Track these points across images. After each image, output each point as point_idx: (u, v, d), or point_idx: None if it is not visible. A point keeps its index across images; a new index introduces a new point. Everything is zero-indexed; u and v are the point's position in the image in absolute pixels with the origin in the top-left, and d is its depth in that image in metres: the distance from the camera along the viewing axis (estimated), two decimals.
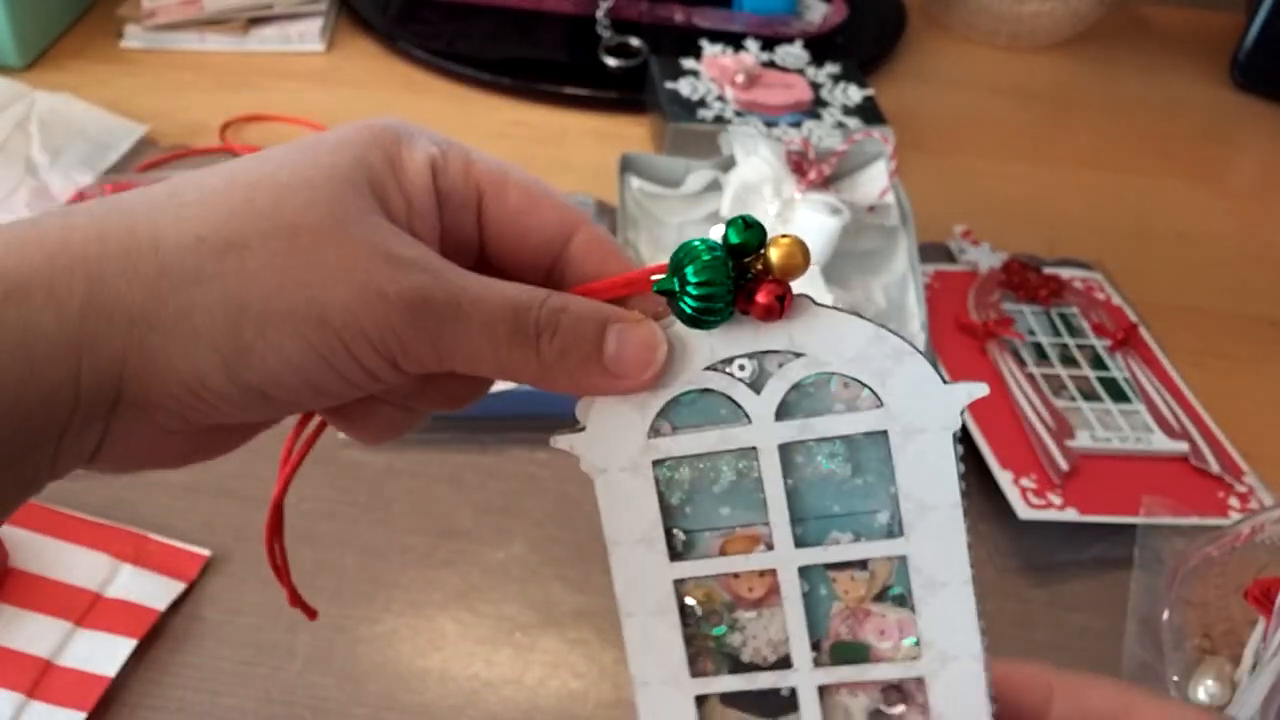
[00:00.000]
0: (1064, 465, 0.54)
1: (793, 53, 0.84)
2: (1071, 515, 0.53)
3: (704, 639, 0.29)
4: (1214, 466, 0.56)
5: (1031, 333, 0.64)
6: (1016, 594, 0.52)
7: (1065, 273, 0.69)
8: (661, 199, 0.66)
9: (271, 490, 0.58)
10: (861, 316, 0.27)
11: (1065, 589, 0.52)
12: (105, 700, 0.44)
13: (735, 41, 0.84)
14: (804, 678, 0.29)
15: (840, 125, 0.76)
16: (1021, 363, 0.61)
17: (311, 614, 0.34)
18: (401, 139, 0.27)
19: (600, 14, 0.88)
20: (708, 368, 0.28)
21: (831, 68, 0.82)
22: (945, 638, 0.28)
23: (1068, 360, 0.62)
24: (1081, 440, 0.56)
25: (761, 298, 0.26)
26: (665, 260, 0.27)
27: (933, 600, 0.28)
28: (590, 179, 0.73)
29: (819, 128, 0.75)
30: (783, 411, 0.28)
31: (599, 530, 0.29)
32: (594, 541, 0.29)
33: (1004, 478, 0.54)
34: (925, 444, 0.27)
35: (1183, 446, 0.57)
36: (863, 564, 0.28)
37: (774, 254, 0.26)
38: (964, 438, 0.56)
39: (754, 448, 0.28)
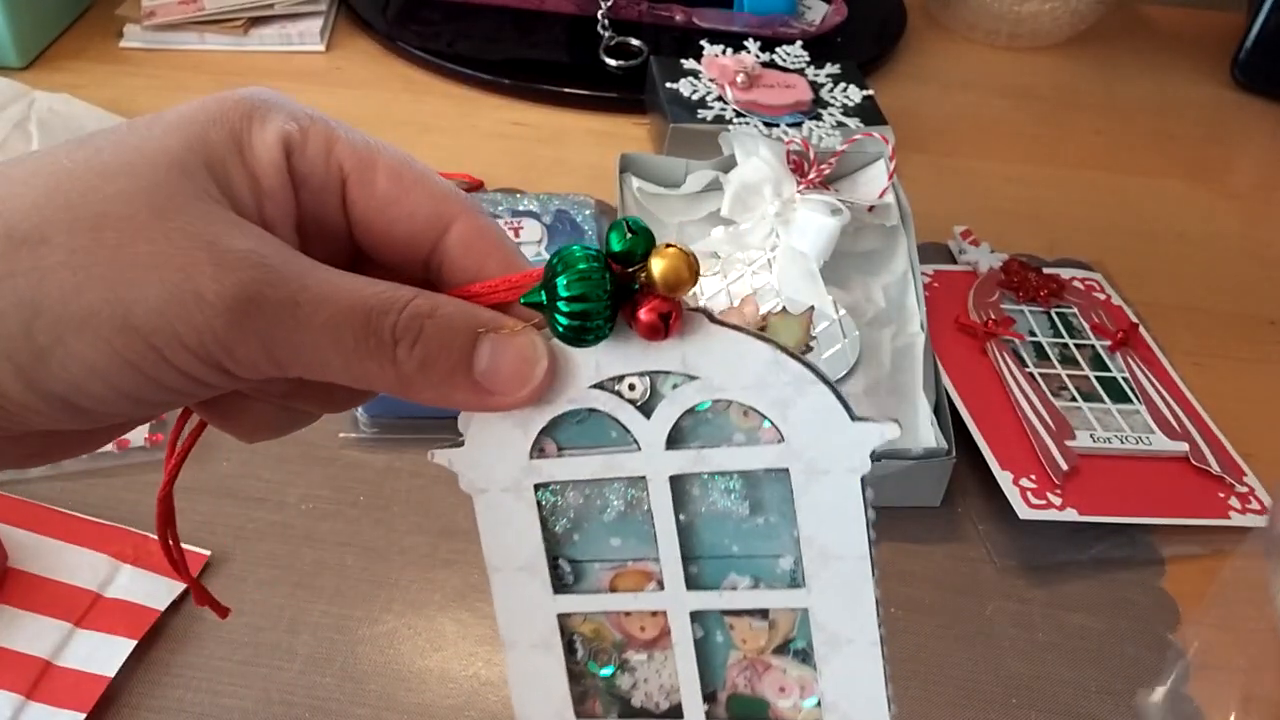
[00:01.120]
0: (1064, 465, 0.54)
1: (793, 53, 0.84)
2: (1071, 515, 0.53)
3: (592, 678, 0.27)
4: (1214, 467, 0.56)
5: (1031, 333, 0.64)
6: (1016, 594, 0.52)
7: (1065, 273, 0.69)
8: (661, 199, 0.66)
9: (273, 491, 0.59)
10: (761, 338, 0.24)
11: (1065, 589, 0.52)
12: (105, 701, 0.44)
13: (735, 42, 0.84)
14: None
15: (840, 125, 0.76)
16: (1021, 363, 0.61)
17: (223, 612, 0.32)
18: (255, 113, 0.25)
19: (600, 14, 0.88)
20: (594, 385, 0.25)
21: (831, 68, 0.82)
22: (849, 703, 0.25)
23: (1067, 360, 0.62)
24: (1081, 440, 0.56)
25: (644, 315, 0.23)
26: None
27: (835, 660, 0.25)
28: (590, 179, 0.73)
29: (819, 128, 0.75)
30: (676, 438, 0.25)
31: None
32: None
33: (1004, 478, 0.54)
34: (830, 487, 0.24)
35: (1183, 447, 0.57)
36: (763, 612, 0.26)
37: (656, 266, 0.23)
38: (965, 438, 0.56)
39: (643, 477, 0.25)
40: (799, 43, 0.85)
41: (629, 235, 0.23)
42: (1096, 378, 0.61)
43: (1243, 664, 0.48)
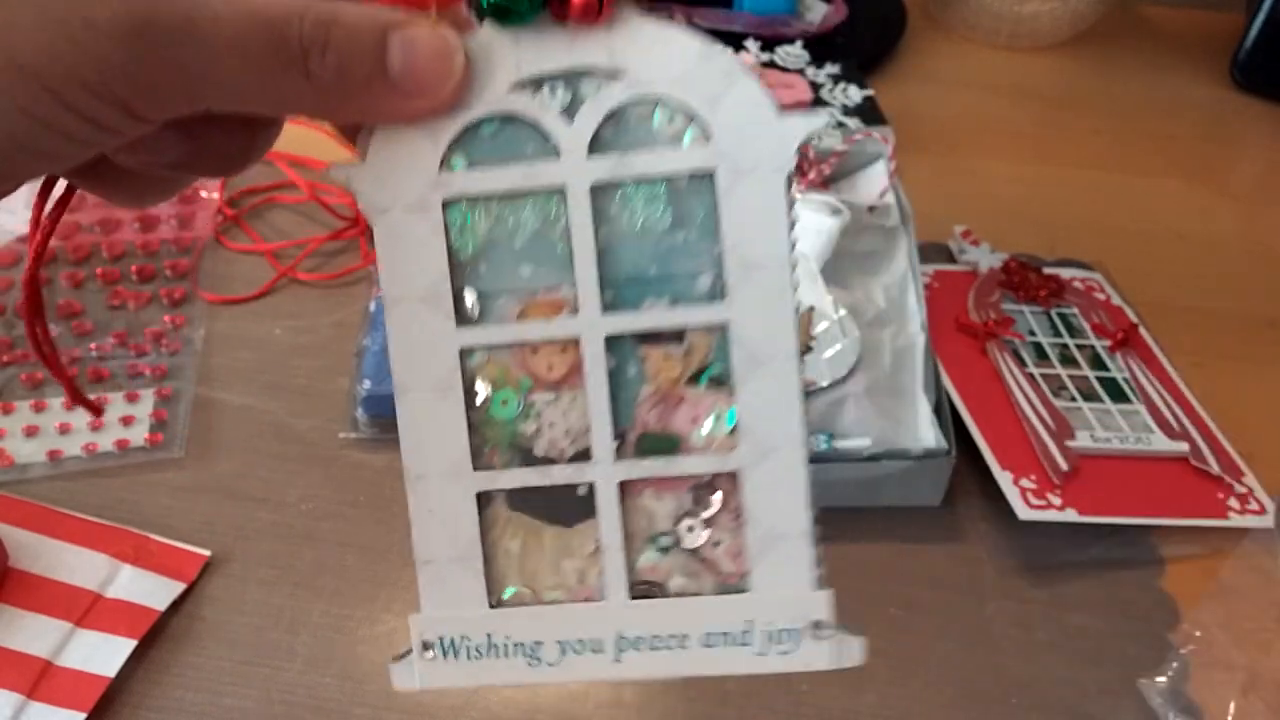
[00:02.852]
0: (1064, 466, 0.54)
1: (793, 53, 0.84)
2: (1071, 516, 0.52)
3: (491, 426, 0.26)
4: (1214, 467, 0.56)
5: (1031, 333, 0.64)
6: (1016, 594, 0.52)
7: (1065, 273, 0.69)
8: None
9: (273, 491, 0.58)
10: (690, 30, 0.24)
11: (1065, 589, 0.52)
12: (105, 700, 0.44)
13: (735, 42, 0.84)
14: (604, 470, 0.25)
15: (840, 125, 0.76)
16: (1021, 363, 0.61)
17: (97, 411, 0.31)
18: None
19: None
20: (513, 89, 0.24)
21: (831, 68, 0.82)
22: (765, 424, 0.25)
23: (1068, 360, 0.62)
24: (1081, 440, 0.56)
25: None
26: None
27: (753, 379, 0.25)
28: None
29: None
30: (597, 146, 0.24)
31: None
32: None
33: (1004, 478, 0.54)
34: (754, 187, 0.24)
35: (1183, 447, 0.57)
36: (679, 338, 0.25)
37: None
38: (965, 438, 0.56)
39: (563, 188, 0.24)
40: (799, 42, 0.85)
41: None
42: (1096, 378, 0.61)
43: (1242, 663, 0.48)
